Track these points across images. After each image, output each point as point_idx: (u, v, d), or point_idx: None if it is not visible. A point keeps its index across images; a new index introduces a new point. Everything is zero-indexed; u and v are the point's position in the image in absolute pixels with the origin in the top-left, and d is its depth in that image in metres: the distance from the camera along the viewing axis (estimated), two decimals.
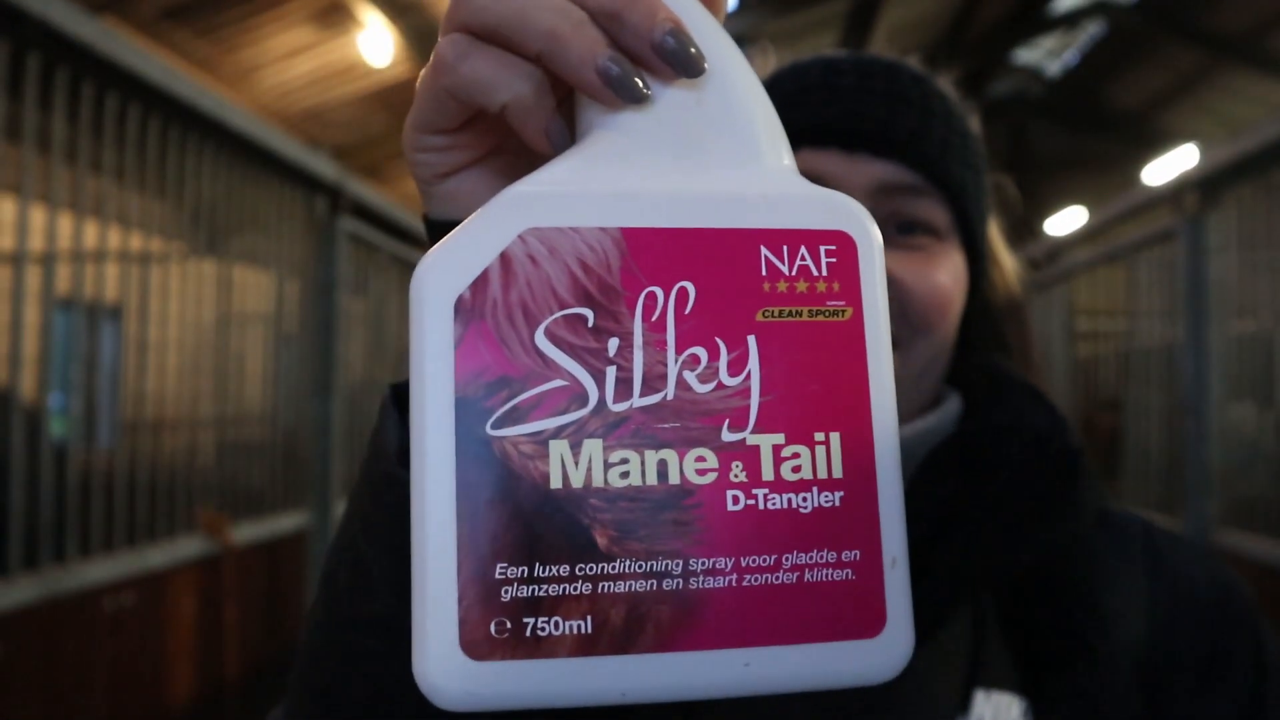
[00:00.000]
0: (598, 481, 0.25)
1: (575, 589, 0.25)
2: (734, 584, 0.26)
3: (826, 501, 0.27)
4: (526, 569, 0.25)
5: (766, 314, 0.27)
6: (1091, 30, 10.32)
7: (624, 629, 0.25)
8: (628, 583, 0.25)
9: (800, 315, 0.27)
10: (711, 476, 0.26)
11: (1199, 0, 8.90)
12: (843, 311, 0.28)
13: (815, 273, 0.28)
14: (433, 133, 0.32)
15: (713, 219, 0.27)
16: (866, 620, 0.26)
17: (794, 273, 0.27)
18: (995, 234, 0.67)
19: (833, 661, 0.26)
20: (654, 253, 0.26)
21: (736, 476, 0.26)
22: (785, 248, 0.27)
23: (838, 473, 0.27)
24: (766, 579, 0.26)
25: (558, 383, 0.26)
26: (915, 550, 0.53)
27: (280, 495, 2.92)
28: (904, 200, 0.57)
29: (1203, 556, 0.60)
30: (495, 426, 0.25)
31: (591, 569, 0.25)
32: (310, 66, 8.13)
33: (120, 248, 2.27)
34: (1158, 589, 0.56)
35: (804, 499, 0.26)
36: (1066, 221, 8.01)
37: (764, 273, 0.27)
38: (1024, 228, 0.71)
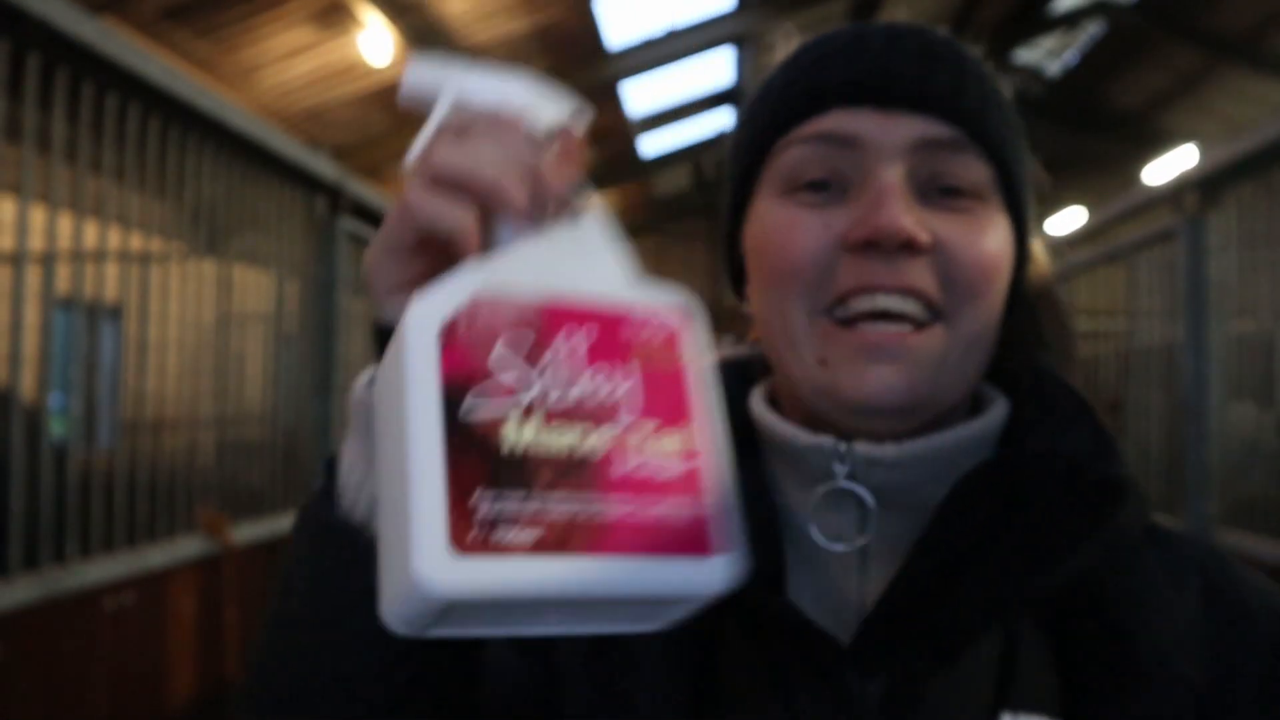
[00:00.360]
0: (538, 444, 0.37)
1: (528, 510, 0.36)
2: (628, 514, 0.38)
3: (682, 468, 0.40)
4: (495, 493, 0.36)
5: (636, 354, 0.41)
6: (1091, 30, 10.31)
7: (559, 539, 0.36)
8: (561, 509, 0.37)
9: (653, 359, 0.41)
10: (611, 445, 0.39)
11: (1199, 0, 8.88)
12: (678, 360, 0.42)
13: (659, 336, 0.42)
14: (395, 251, 0.43)
15: (597, 300, 0.41)
16: (710, 544, 0.40)
17: (648, 335, 0.42)
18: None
19: (688, 573, 0.39)
20: (563, 316, 0.40)
21: (628, 447, 0.39)
22: (642, 319, 0.42)
23: (691, 453, 0.41)
24: (649, 512, 0.39)
25: (508, 381, 0.38)
26: (943, 575, 0.52)
27: (280, 495, 2.93)
28: (944, 157, 0.55)
29: (1263, 585, 0.57)
30: (467, 409, 0.37)
31: (539, 496, 0.37)
32: (310, 67, 8.13)
33: (120, 247, 2.27)
34: (1215, 617, 0.54)
35: (669, 465, 0.40)
36: (1066, 221, 8.01)
37: (631, 333, 0.41)
38: (1049, 210, 0.69)
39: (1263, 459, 2.68)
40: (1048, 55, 11.22)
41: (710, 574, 0.39)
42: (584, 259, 0.42)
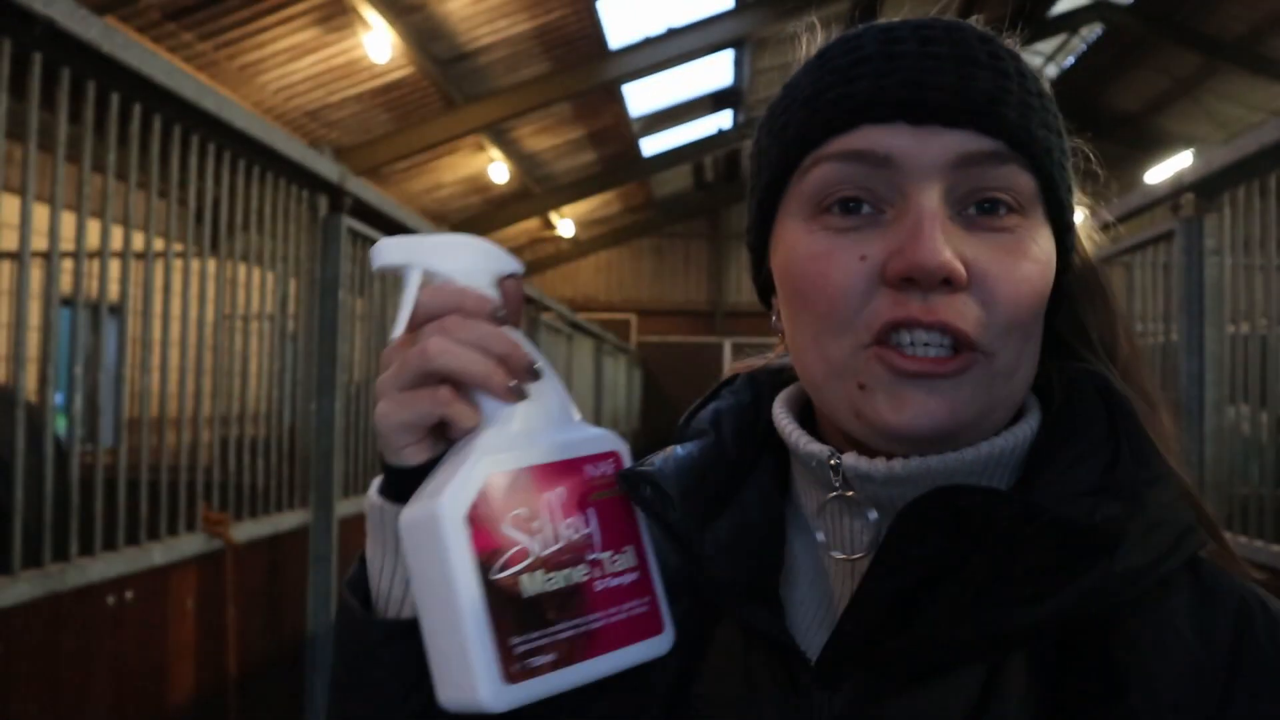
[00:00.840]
0: (545, 589, 0.51)
1: (545, 641, 0.50)
2: (605, 622, 0.52)
3: (632, 578, 0.54)
4: (522, 636, 0.49)
5: (594, 495, 0.54)
6: (1088, 35, 10.32)
7: (568, 653, 0.50)
8: (563, 634, 0.51)
9: (604, 494, 0.55)
10: (587, 575, 0.52)
11: (1196, 4, 8.89)
12: (616, 490, 0.56)
13: (607, 475, 0.55)
14: (414, 428, 0.53)
15: (563, 454, 0.54)
16: (661, 623, 0.55)
17: (599, 473, 0.55)
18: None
19: (649, 649, 0.54)
20: (543, 478, 0.53)
21: (597, 573, 0.53)
22: (595, 463, 0.55)
23: (635, 564, 0.55)
24: (618, 617, 0.53)
25: (519, 548, 0.50)
26: (898, 601, 0.51)
27: (282, 493, 2.94)
28: (984, 171, 0.52)
29: None
30: (496, 571, 0.49)
31: (549, 630, 0.50)
32: (312, 67, 8.14)
33: (123, 246, 2.28)
34: (1239, 671, 0.50)
35: (624, 579, 0.54)
36: None
37: (589, 476, 0.55)
38: (1104, 195, 0.63)
39: (1258, 460, 2.70)
40: (1045, 60, 11.23)
41: (664, 642, 0.55)
42: (546, 416, 0.54)
